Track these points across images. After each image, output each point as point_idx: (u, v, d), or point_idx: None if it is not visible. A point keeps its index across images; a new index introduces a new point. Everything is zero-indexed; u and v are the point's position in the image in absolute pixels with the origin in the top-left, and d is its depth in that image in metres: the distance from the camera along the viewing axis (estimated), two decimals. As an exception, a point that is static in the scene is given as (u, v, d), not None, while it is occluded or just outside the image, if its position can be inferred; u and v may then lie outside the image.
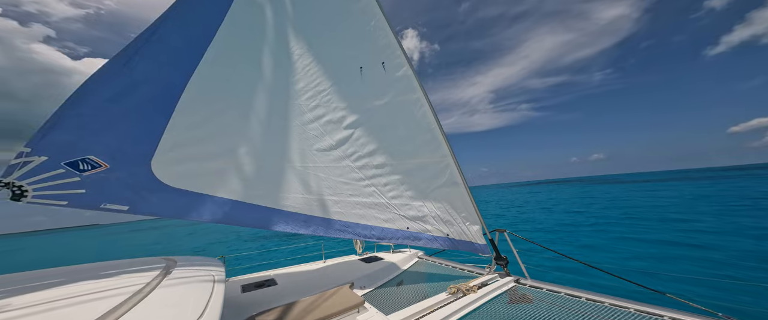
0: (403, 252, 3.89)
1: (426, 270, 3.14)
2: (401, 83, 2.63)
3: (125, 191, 1.92)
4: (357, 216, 2.69)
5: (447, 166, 2.60)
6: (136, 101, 2.00)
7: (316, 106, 2.70)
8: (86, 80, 1.83)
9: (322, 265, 3.45)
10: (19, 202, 1.60)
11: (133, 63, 1.98)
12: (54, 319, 0.88)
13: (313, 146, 2.69)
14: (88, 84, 1.80)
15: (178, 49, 2.20)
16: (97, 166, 1.83)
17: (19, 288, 1.16)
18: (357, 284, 2.61)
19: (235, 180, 2.36)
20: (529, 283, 2.27)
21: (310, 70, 2.69)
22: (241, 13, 2.43)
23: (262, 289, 2.51)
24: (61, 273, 1.43)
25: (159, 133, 2.07)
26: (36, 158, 1.64)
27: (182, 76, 2.20)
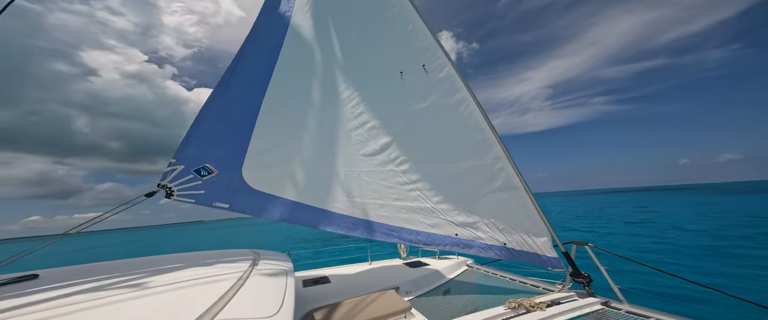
0: (449, 258, 3.73)
1: (477, 279, 2.92)
2: (444, 84, 2.55)
3: (226, 192, 2.40)
4: (402, 221, 2.67)
5: (501, 169, 2.36)
6: (232, 119, 2.53)
7: (361, 112, 2.82)
8: (202, 105, 2.43)
9: (368, 267, 3.56)
10: (169, 199, 2.22)
11: (228, 89, 2.52)
12: (185, 297, 1.12)
13: (359, 151, 2.80)
14: (203, 109, 2.41)
15: (255, 74, 2.70)
16: (211, 172, 2.37)
17: (158, 269, 1.52)
18: (402, 289, 2.60)
19: (293, 184, 2.67)
20: (625, 308, 1.84)
21: (353, 78, 2.86)
22: (293, 37, 2.84)
23: (319, 286, 2.70)
24: (183, 258, 1.82)
25: (246, 144, 2.54)
26: (178, 166, 2.25)
27: (258, 96, 2.67)
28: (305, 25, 2.90)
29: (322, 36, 2.92)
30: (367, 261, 3.80)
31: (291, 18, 2.88)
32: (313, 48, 2.92)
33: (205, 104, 2.43)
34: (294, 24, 2.87)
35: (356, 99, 2.85)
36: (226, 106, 2.52)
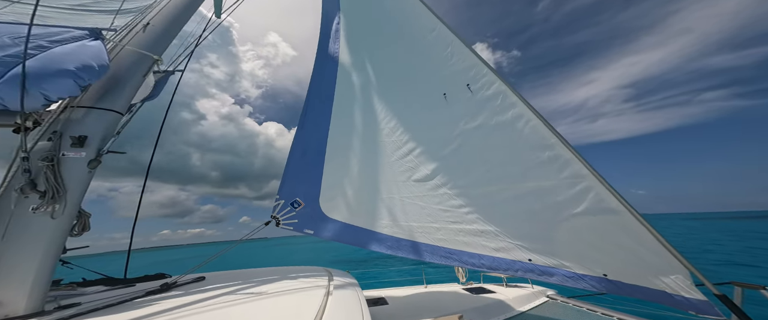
0: (521, 287, 3.36)
1: (564, 315, 2.50)
2: (494, 100, 2.41)
3: (311, 220, 2.82)
4: (462, 244, 2.55)
5: (586, 190, 1.95)
6: (309, 157, 2.96)
7: (408, 140, 2.88)
8: (291, 145, 2.94)
9: (424, 290, 3.55)
10: (278, 227, 2.78)
11: (304, 131, 3.00)
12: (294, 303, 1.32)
13: (411, 178, 2.84)
14: (290, 150, 2.90)
15: (319, 114, 3.11)
16: (300, 204, 2.83)
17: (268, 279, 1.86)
18: (466, 317, 2.46)
19: (357, 212, 2.90)
20: None
21: (397, 107, 2.97)
22: (342, 74, 3.13)
23: (378, 307, 2.80)
24: (278, 271, 2.18)
25: (320, 178, 2.92)
26: (280, 201, 2.81)
27: (324, 133, 3.06)
28: (350, 62, 3.17)
29: (364, 71, 3.13)
30: (422, 284, 3.75)
31: (339, 56, 3.19)
32: (357, 84, 3.17)
33: (291, 145, 2.98)
34: (341, 62, 3.19)
35: (402, 128, 2.94)
36: (304, 146, 3.00)
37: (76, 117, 1.52)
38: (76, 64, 1.53)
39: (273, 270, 2.29)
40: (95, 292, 1.69)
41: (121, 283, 1.90)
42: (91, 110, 1.57)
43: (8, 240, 1.20)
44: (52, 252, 1.28)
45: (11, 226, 1.21)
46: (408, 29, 3.08)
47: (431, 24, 2.88)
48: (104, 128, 1.58)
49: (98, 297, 1.52)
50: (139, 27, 2.18)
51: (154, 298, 1.42)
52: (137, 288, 1.70)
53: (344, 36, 3.44)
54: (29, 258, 1.22)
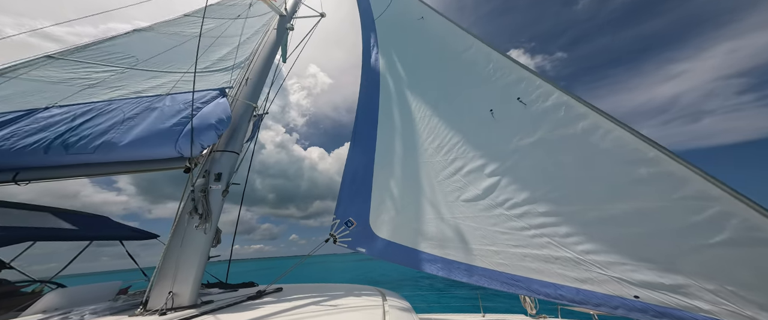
0: None
1: None
2: (554, 113, 2.27)
3: (363, 239, 2.91)
4: (528, 270, 2.27)
5: (724, 215, 1.60)
6: (359, 180, 3.15)
7: (455, 159, 2.86)
8: (344, 167, 3.16)
9: (481, 319, 3.34)
10: (335, 244, 2.90)
11: (354, 155, 3.23)
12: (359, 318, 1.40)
13: (460, 198, 2.76)
14: (343, 174, 3.12)
15: (365, 139, 3.35)
16: (353, 224, 2.96)
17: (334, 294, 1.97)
18: None
19: (404, 231, 2.91)
20: None
21: (440, 127, 3.03)
22: (383, 99, 3.36)
23: None
24: (339, 288, 2.32)
25: (369, 199, 3.07)
26: (337, 220, 2.96)
27: (371, 157, 3.26)
28: (390, 87, 3.40)
29: (404, 95, 3.33)
30: (479, 313, 3.49)
31: (379, 82, 3.44)
32: (398, 107, 3.36)
33: (344, 168, 3.22)
34: (382, 87, 3.42)
35: (446, 148, 2.96)
36: (354, 169, 3.20)
37: (215, 159, 2.02)
38: (216, 119, 2.08)
39: (330, 286, 2.44)
40: (217, 293, 2.07)
41: (229, 287, 2.32)
42: (223, 153, 2.09)
43: (183, 248, 1.64)
44: (203, 258, 1.69)
45: (185, 238, 1.66)
46: (443, 51, 3.21)
47: (466, 42, 2.95)
48: (230, 166, 2.07)
49: (220, 297, 1.87)
50: (243, 82, 2.83)
51: (255, 303, 1.71)
52: (240, 293, 2.03)
53: (383, 63, 3.74)
54: (194, 262, 1.63)
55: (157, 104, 2.25)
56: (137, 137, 1.86)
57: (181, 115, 2.01)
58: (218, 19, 4.67)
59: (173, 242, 1.67)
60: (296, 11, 4.18)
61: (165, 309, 1.49)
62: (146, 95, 2.48)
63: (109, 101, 2.32)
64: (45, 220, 2.48)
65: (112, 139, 1.84)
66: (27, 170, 1.89)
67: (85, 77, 2.85)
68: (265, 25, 3.97)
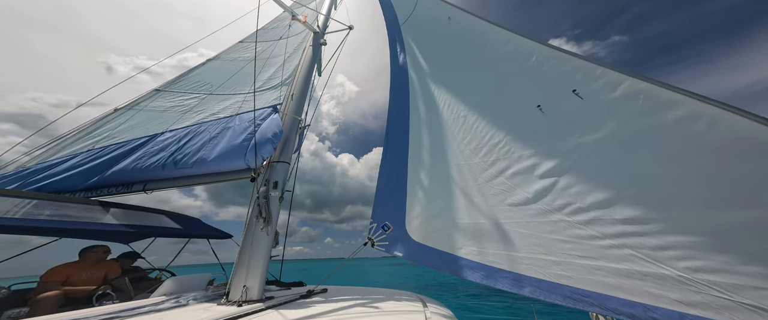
0: None
1: None
2: (627, 103, 1.93)
3: (399, 243, 2.92)
4: (602, 285, 1.95)
5: None
6: (393, 185, 3.21)
7: (496, 160, 2.69)
8: (379, 171, 3.25)
9: None
10: (373, 248, 2.98)
11: (387, 161, 3.31)
12: None
13: (505, 202, 2.58)
14: (379, 175, 3.21)
15: (398, 145, 3.40)
16: (389, 228, 2.98)
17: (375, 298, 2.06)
18: None
19: (444, 237, 2.82)
20: None
21: (477, 128, 2.88)
22: (413, 103, 3.32)
23: None
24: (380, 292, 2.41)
25: (404, 204, 3.09)
26: (373, 224, 3.02)
27: (404, 162, 3.28)
28: (420, 89, 3.38)
29: (435, 97, 3.28)
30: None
31: (408, 85, 3.43)
32: (429, 109, 3.32)
33: (379, 172, 3.32)
34: (412, 90, 3.41)
35: (486, 147, 2.80)
36: (388, 175, 3.28)
37: (272, 169, 2.37)
38: (272, 133, 2.42)
39: (370, 290, 2.57)
40: (275, 290, 2.39)
41: (283, 285, 2.63)
42: (278, 163, 2.42)
43: (253, 248, 1.97)
44: (267, 257, 2.00)
45: (253, 240, 1.99)
46: (477, 50, 3.03)
47: (502, 38, 2.73)
48: (283, 175, 2.39)
49: (277, 294, 2.13)
50: (289, 97, 3.19)
51: (307, 301, 1.90)
52: (293, 291, 2.28)
53: (412, 67, 3.69)
54: (260, 261, 1.94)
55: (230, 123, 2.76)
56: (219, 153, 2.34)
57: (247, 132, 2.42)
58: (265, 42, 5.35)
59: (245, 242, 2.00)
60: (327, 27, 4.47)
61: (241, 301, 1.74)
62: (222, 115, 3.05)
63: (198, 123, 2.95)
64: (162, 220, 3.11)
65: (203, 155, 2.36)
66: (152, 182, 2.59)
67: (181, 105, 3.68)
68: (301, 43, 4.37)
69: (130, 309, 1.52)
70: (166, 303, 1.70)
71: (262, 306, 1.66)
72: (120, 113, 3.67)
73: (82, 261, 2.40)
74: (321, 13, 4.48)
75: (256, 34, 4.38)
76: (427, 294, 2.60)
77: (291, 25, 5.21)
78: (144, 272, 3.01)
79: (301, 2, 5.74)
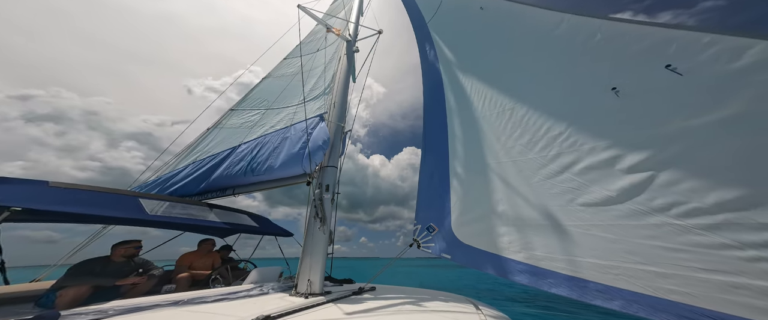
0: None
1: None
2: (763, 72, 1.47)
3: (445, 245, 2.82)
4: (746, 309, 1.54)
5: None
6: (434, 185, 3.11)
7: (558, 154, 2.33)
8: (419, 175, 3.18)
9: None
10: (419, 249, 2.95)
11: (426, 161, 3.25)
12: None
13: (575, 201, 2.22)
14: (420, 176, 3.16)
15: (437, 143, 3.26)
16: (434, 229, 2.90)
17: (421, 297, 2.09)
18: None
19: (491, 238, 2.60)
20: None
21: (529, 120, 2.57)
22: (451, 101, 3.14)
23: None
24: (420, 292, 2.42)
25: (448, 205, 2.94)
26: (418, 225, 3.00)
27: (445, 162, 3.14)
28: (456, 87, 3.21)
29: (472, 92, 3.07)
30: None
31: (443, 84, 3.28)
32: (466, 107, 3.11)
33: (419, 173, 3.27)
34: (448, 88, 3.27)
35: (542, 141, 2.45)
36: (429, 174, 3.20)
37: (323, 173, 2.63)
38: (322, 140, 2.70)
39: (417, 290, 2.57)
40: (330, 285, 2.59)
41: (335, 282, 2.83)
42: (327, 168, 2.68)
43: (314, 245, 2.23)
44: (324, 254, 2.23)
45: (314, 238, 2.26)
46: (522, 36, 2.69)
47: (553, 19, 2.36)
48: (333, 178, 2.63)
49: (333, 289, 2.30)
50: (332, 105, 3.46)
51: (359, 298, 2.01)
52: (345, 288, 2.44)
53: (444, 64, 3.48)
54: (320, 257, 2.18)
55: (287, 134, 3.20)
56: (283, 161, 2.76)
57: (301, 141, 2.77)
58: (305, 56, 5.89)
59: (307, 240, 2.26)
60: (358, 34, 4.61)
61: (307, 294, 1.91)
62: (278, 127, 3.57)
63: (264, 135, 3.53)
64: (245, 219, 3.75)
65: (271, 163, 2.82)
66: (238, 187, 3.26)
67: (248, 121, 4.45)
68: (336, 53, 4.63)
69: (233, 292, 1.90)
70: (254, 291, 2.03)
71: (324, 300, 1.80)
72: (210, 131, 4.68)
73: (200, 250, 3.13)
74: (351, 21, 4.65)
75: (299, 48, 4.86)
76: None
77: (326, 36, 5.58)
78: (235, 262, 3.52)
79: (332, 13, 6.05)
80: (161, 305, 1.52)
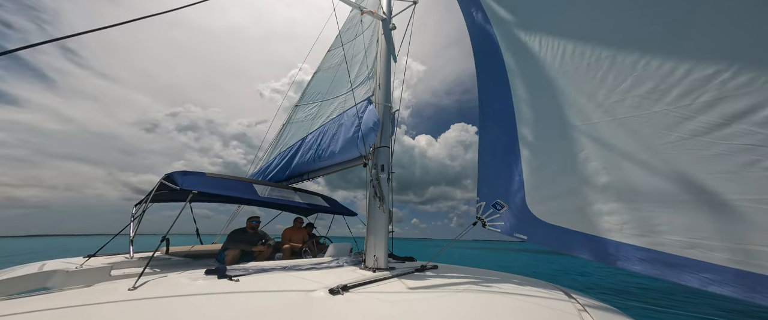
0: None
1: None
2: None
3: (520, 224, 2.45)
4: None
5: None
6: (499, 157, 2.74)
7: (715, 101, 1.62)
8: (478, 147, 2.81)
9: None
10: (484, 228, 2.68)
11: (486, 132, 2.83)
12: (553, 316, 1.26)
13: (759, 165, 1.52)
14: (479, 151, 2.80)
15: (499, 111, 2.79)
16: (502, 206, 2.56)
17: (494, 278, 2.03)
18: None
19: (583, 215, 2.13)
20: None
21: (652, 62, 1.85)
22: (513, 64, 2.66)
23: None
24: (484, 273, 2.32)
25: (521, 178, 2.53)
26: (481, 203, 2.60)
27: (511, 130, 2.67)
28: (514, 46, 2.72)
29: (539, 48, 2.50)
30: None
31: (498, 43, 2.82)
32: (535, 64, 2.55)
33: (479, 148, 2.89)
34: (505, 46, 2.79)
35: (681, 86, 1.72)
36: (491, 146, 2.83)
37: (377, 154, 2.75)
38: (372, 122, 2.80)
39: (482, 271, 2.45)
40: (393, 262, 2.70)
41: (397, 259, 2.99)
42: (380, 148, 2.79)
43: (376, 223, 2.40)
44: (386, 232, 2.38)
45: (375, 216, 2.44)
46: None
47: None
48: (386, 158, 2.72)
49: (397, 265, 2.43)
50: (377, 88, 3.47)
51: (423, 275, 2.08)
52: (408, 264, 2.54)
53: (495, 22, 2.87)
54: (382, 235, 2.34)
55: (341, 120, 3.50)
56: (341, 146, 3.09)
57: (355, 125, 2.97)
58: (346, 44, 6.00)
59: (370, 219, 2.39)
60: (392, 10, 4.24)
61: (374, 268, 2.07)
62: (333, 116, 3.94)
63: (323, 125, 4.00)
64: (320, 200, 4.29)
65: (333, 149, 3.21)
66: (311, 172, 3.91)
67: (309, 113, 5.10)
68: (373, 35, 4.44)
69: (319, 263, 2.28)
70: (333, 263, 2.31)
71: (389, 274, 1.90)
72: (284, 127, 5.69)
73: (294, 226, 3.93)
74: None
75: (339, 38, 4.98)
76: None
77: (362, 20, 5.44)
78: (317, 237, 4.07)
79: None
80: (276, 269, 1.97)
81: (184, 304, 1.19)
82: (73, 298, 1.25)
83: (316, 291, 1.40)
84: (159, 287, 1.47)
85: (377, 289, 1.55)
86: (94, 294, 1.35)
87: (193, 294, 1.32)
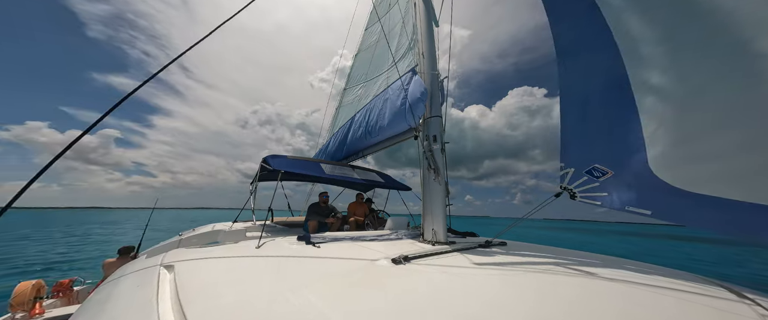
0: None
1: None
2: None
3: (637, 193, 1.84)
4: None
5: None
6: (595, 114, 2.06)
7: None
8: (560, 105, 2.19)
9: None
10: (574, 200, 2.04)
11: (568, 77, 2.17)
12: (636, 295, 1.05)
13: None
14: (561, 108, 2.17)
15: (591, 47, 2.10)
16: (605, 173, 1.93)
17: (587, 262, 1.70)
18: None
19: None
20: None
21: None
22: None
23: None
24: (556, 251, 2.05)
25: (637, 135, 1.83)
26: (569, 170, 2.05)
27: (618, 75, 1.92)
28: None
29: None
30: None
31: None
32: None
33: (560, 104, 2.26)
34: None
35: None
36: (580, 97, 2.19)
37: (427, 124, 2.64)
38: (420, 92, 2.67)
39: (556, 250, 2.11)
40: (453, 237, 2.61)
41: (457, 234, 2.93)
42: (431, 119, 2.65)
43: (432, 196, 2.33)
44: (443, 205, 2.29)
45: (431, 189, 2.37)
46: None
47: None
48: (438, 128, 2.56)
49: (458, 240, 2.34)
50: (421, 56, 3.26)
51: (488, 251, 1.93)
52: (469, 240, 2.42)
53: None
54: (439, 208, 2.26)
55: (387, 95, 3.50)
56: (389, 120, 3.13)
57: (401, 98, 2.94)
58: (382, 18, 5.71)
59: (425, 192, 2.33)
60: None
61: (433, 241, 2.05)
62: (379, 92, 3.95)
63: (369, 103, 4.15)
64: (375, 176, 4.22)
65: (381, 124, 3.32)
66: (364, 150, 4.18)
67: (356, 94, 5.33)
68: (409, 2, 4.01)
69: (380, 235, 2.34)
70: (392, 236, 2.36)
71: (449, 249, 1.84)
72: (337, 111, 6.21)
73: (356, 201, 4.37)
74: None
75: (375, 12, 4.73)
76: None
77: None
78: (376, 212, 4.39)
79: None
80: (345, 239, 2.16)
81: (291, 263, 1.48)
82: (231, 251, 1.74)
83: (380, 260, 1.48)
84: (271, 248, 1.87)
85: (438, 262, 1.53)
86: (239, 249, 1.83)
87: (293, 255, 1.63)
